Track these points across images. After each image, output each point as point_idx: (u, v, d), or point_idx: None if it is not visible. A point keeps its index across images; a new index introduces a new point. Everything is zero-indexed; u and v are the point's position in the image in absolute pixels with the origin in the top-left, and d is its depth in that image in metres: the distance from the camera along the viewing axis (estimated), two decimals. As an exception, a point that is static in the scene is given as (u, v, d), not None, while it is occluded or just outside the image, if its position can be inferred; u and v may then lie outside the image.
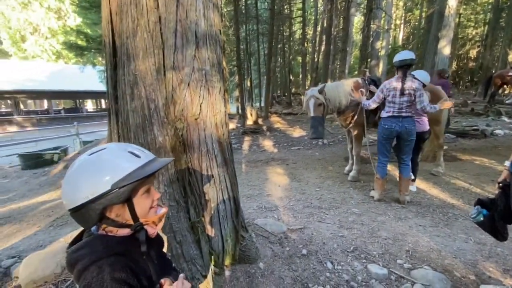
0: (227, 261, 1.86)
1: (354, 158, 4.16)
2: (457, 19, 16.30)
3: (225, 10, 11.87)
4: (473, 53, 21.02)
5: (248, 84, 17.93)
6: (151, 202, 0.83)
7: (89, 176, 0.71)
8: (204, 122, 1.56)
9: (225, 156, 1.73)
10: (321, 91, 3.70)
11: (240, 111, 11.39)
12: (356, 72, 17.91)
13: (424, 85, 3.15)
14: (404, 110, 3.00)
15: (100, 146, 0.77)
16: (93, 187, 0.70)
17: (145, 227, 0.81)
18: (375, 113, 3.91)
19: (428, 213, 2.92)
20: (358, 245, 2.24)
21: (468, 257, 2.09)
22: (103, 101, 26.95)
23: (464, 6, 19.05)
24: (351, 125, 3.93)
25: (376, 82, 4.06)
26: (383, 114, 3.16)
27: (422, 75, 3.28)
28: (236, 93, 16.74)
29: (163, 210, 0.87)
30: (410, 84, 2.93)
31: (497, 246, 2.22)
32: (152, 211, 0.83)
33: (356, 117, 3.86)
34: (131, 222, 0.78)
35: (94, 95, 23.24)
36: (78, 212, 0.71)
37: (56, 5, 23.54)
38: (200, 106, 1.53)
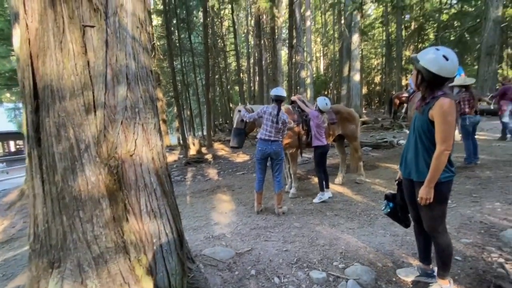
0: (175, 297, 1.81)
1: (292, 176, 4.53)
2: (361, 52, 19.81)
3: (158, 44, 11.93)
4: (377, 79, 25.69)
5: (188, 114, 17.85)
6: None
7: None
8: (140, 157, 1.60)
9: (165, 188, 1.77)
10: (247, 109, 4.08)
11: (181, 141, 11.16)
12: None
13: (321, 111, 4.02)
14: (273, 135, 3.54)
15: None
16: None
17: None
18: (307, 135, 4.42)
19: (355, 217, 3.37)
20: (300, 256, 2.44)
21: (386, 248, 2.49)
22: (12, 143, 22.92)
23: (365, 42, 23.46)
24: (287, 146, 4.33)
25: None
26: (260, 135, 3.61)
27: (320, 102, 4.04)
28: (176, 123, 16.40)
29: None
30: (282, 116, 3.55)
31: (406, 235, 2.70)
32: None
33: (290, 139, 4.30)
34: None
35: (0, 136, 19.61)
36: None
37: None
38: (135, 142, 1.57)
